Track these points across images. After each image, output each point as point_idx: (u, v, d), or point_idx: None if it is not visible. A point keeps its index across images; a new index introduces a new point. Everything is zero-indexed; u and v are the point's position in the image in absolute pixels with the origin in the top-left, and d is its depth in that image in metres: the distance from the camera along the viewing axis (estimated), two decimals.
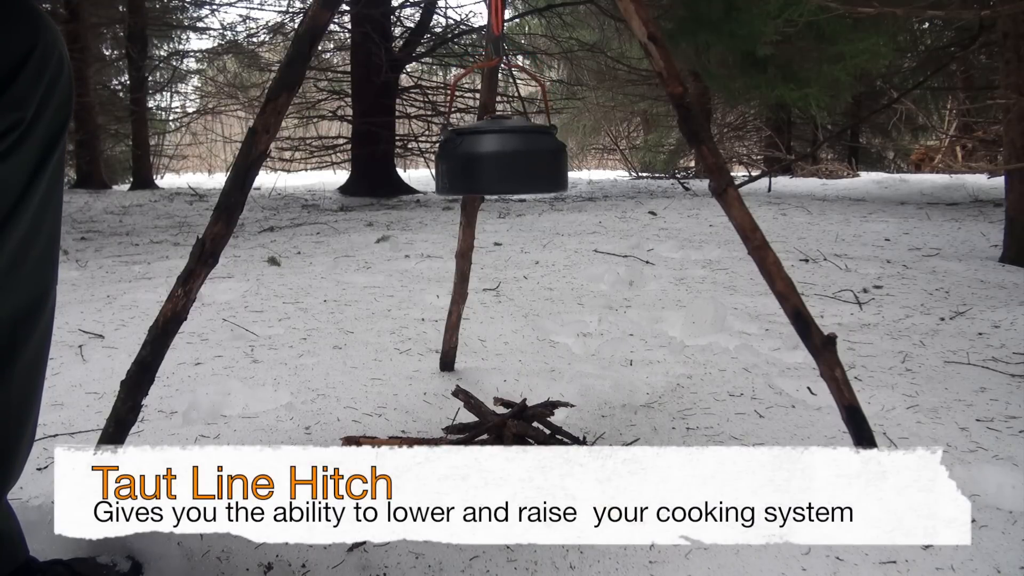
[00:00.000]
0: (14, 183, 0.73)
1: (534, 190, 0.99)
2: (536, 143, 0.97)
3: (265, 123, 1.11)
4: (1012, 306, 2.28)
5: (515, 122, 0.99)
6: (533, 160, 0.96)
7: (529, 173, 0.97)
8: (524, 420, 1.24)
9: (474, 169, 0.95)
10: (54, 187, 0.79)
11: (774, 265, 1.07)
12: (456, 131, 0.96)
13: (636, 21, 1.06)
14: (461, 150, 0.94)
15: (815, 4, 3.71)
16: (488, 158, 0.94)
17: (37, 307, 0.80)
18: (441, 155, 0.97)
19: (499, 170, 0.95)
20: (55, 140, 0.77)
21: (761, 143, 12.85)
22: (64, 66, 0.75)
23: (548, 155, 0.98)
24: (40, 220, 0.77)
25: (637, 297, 2.59)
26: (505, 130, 0.95)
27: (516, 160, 0.95)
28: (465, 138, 0.94)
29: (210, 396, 1.58)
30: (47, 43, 0.72)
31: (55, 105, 0.75)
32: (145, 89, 11.18)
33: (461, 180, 0.95)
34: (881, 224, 4.51)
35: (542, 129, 0.99)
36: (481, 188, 0.99)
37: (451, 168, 0.94)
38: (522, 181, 0.97)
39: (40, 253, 0.79)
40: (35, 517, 1.02)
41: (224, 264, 3.24)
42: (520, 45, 10.61)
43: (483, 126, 0.97)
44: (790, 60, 6.30)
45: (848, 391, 1.06)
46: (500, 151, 0.95)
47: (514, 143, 0.95)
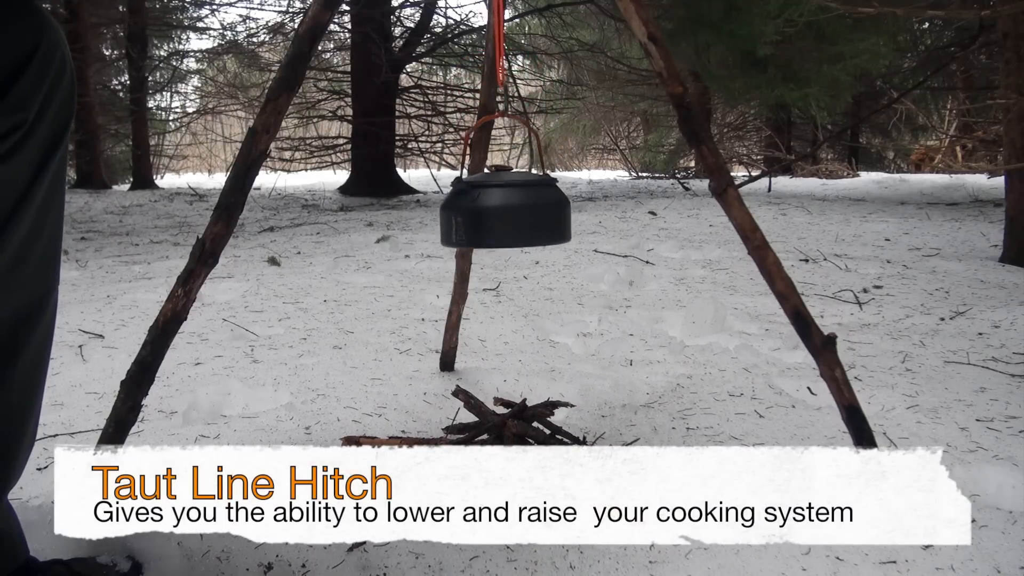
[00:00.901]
0: (17, 183, 0.73)
1: (545, 242, 1.01)
2: (548, 196, 0.99)
3: (265, 123, 1.11)
4: (1012, 306, 2.28)
5: (525, 175, 1.00)
6: (547, 213, 0.99)
7: (544, 226, 0.99)
8: (524, 420, 1.24)
9: (494, 223, 0.96)
10: (56, 187, 0.79)
11: (774, 265, 1.07)
12: (470, 184, 0.95)
13: (636, 21, 1.06)
14: (480, 204, 0.95)
15: (815, 4, 3.71)
16: (507, 212, 0.96)
17: (39, 307, 0.80)
18: (455, 207, 0.96)
19: (516, 223, 0.97)
20: (57, 140, 0.77)
21: (761, 143, 12.84)
22: (67, 67, 0.75)
23: (558, 207, 1.00)
24: (42, 220, 0.77)
25: (637, 297, 2.59)
26: (520, 184, 0.96)
27: (534, 214, 0.97)
28: (483, 191, 0.95)
29: (210, 396, 1.58)
30: (50, 43, 0.72)
31: (57, 105, 0.75)
32: (145, 89, 11.16)
33: (478, 233, 0.95)
34: (881, 224, 4.51)
35: (550, 181, 1.00)
36: (499, 242, 1.00)
37: (470, 221, 0.94)
38: (537, 234, 0.99)
39: (42, 254, 0.79)
40: (35, 517, 1.01)
41: (224, 264, 3.24)
42: (520, 45, 10.61)
43: (496, 179, 0.97)
44: (790, 60, 6.30)
45: (848, 391, 1.06)
46: (519, 205, 0.96)
47: (531, 197, 0.97)
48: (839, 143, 11.82)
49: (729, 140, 13.02)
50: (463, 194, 0.95)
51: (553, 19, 9.66)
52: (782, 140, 11.08)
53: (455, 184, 0.98)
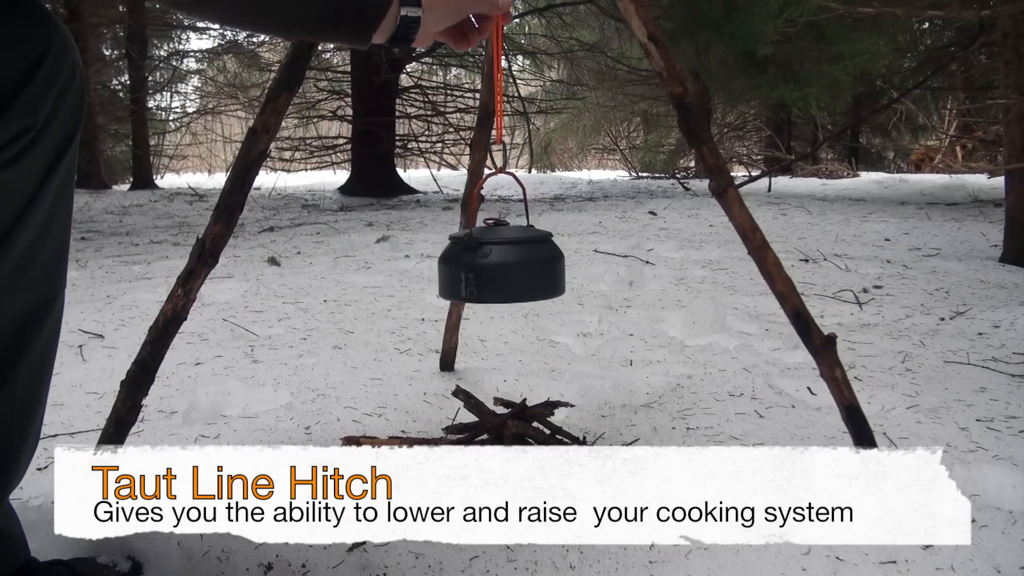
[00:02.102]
0: (24, 187, 0.73)
1: (547, 296, 1.02)
2: (550, 251, 1.01)
3: (265, 123, 1.11)
4: (1012, 306, 2.28)
5: (526, 230, 1.02)
6: (550, 268, 1.01)
7: (548, 280, 1.01)
8: (524, 420, 1.24)
9: (506, 279, 0.98)
10: (64, 192, 0.79)
11: (774, 265, 1.07)
12: (480, 239, 0.96)
13: (636, 21, 1.06)
14: (492, 260, 0.96)
15: (815, 4, 3.71)
16: (516, 268, 0.98)
17: (44, 311, 0.80)
18: (464, 263, 0.96)
19: (524, 279, 0.99)
20: (66, 146, 0.77)
21: (761, 143, 12.84)
22: (76, 72, 0.75)
23: (558, 262, 1.02)
24: (49, 224, 0.78)
25: (637, 297, 2.59)
26: (527, 240, 0.99)
27: (538, 269, 0.99)
28: (493, 248, 0.96)
29: (210, 396, 1.58)
30: (59, 48, 0.72)
31: (67, 111, 0.75)
32: (145, 89, 11.16)
33: (490, 289, 0.97)
34: (881, 224, 4.51)
35: (548, 236, 1.03)
36: (508, 297, 1.02)
37: (483, 278, 0.96)
38: (542, 289, 1.01)
39: (49, 257, 0.79)
40: (35, 517, 1.02)
41: (224, 264, 3.24)
42: (520, 45, 10.61)
43: (503, 235, 0.99)
44: (790, 60, 6.30)
45: (848, 391, 1.06)
46: (527, 261, 0.98)
47: (536, 253, 0.99)
48: (839, 143, 11.82)
49: (729, 140, 13.02)
50: (473, 249, 0.96)
51: (553, 19, 9.67)
52: (782, 140, 11.08)
53: (462, 240, 0.98)
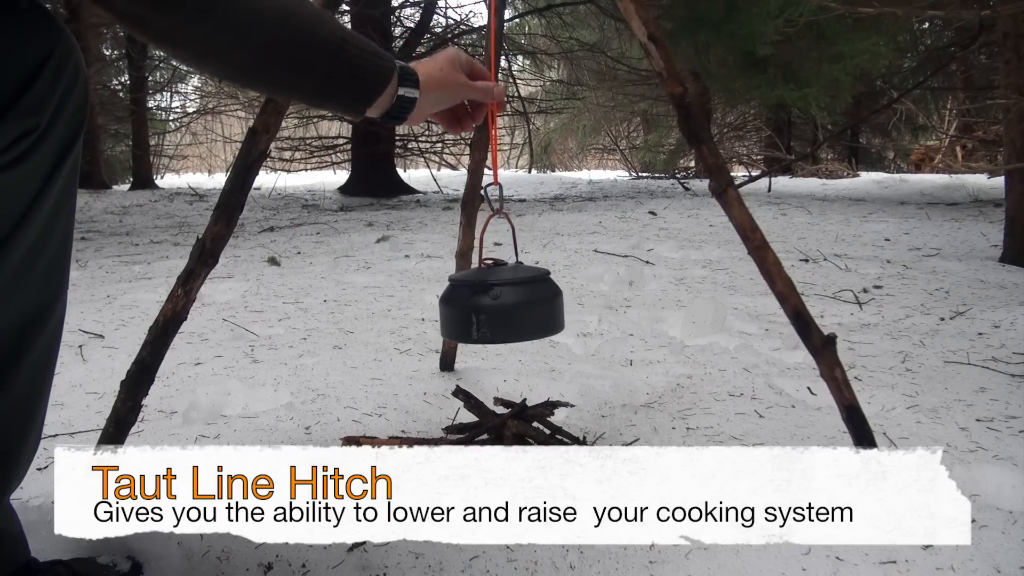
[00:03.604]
0: (27, 188, 0.73)
1: (550, 334, 1.04)
2: (552, 290, 1.03)
3: (265, 123, 1.11)
4: (1012, 306, 2.28)
5: (529, 269, 1.03)
6: (554, 306, 1.03)
7: (552, 318, 1.03)
8: (524, 420, 1.24)
9: (517, 319, 0.99)
10: (67, 193, 0.80)
11: (774, 265, 1.07)
12: (488, 281, 0.98)
13: (636, 21, 1.06)
14: (503, 302, 0.98)
15: (815, 4, 3.71)
16: (525, 308, 0.99)
17: (46, 312, 0.80)
18: (473, 305, 0.98)
19: (532, 319, 1.00)
20: (69, 147, 0.77)
21: (761, 143, 12.84)
22: (80, 74, 0.75)
23: (559, 300, 1.04)
24: (52, 225, 0.78)
25: (637, 297, 2.59)
26: (531, 280, 1.00)
27: (543, 308, 1.01)
28: (503, 289, 0.98)
29: (210, 396, 1.58)
30: (63, 50, 0.73)
31: (70, 112, 0.75)
32: (145, 89, 11.16)
33: (502, 330, 0.99)
34: (881, 224, 4.51)
35: (547, 274, 1.04)
36: (518, 337, 1.03)
37: (495, 319, 0.97)
38: (548, 327, 1.03)
39: (51, 258, 0.79)
40: (35, 517, 1.02)
41: (224, 264, 3.24)
42: (520, 45, 10.61)
43: (509, 275, 1.00)
44: (790, 60, 6.30)
45: (848, 391, 1.06)
46: (534, 300, 1.00)
47: (540, 292, 1.01)
48: (839, 143, 11.81)
49: (729, 140, 13.02)
50: (482, 292, 0.97)
51: (553, 19, 9.67)
52: (782, 140, 11.08)
53: (469, 283, 0.99)
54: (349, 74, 0.80)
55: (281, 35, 0.75)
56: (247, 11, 0.73)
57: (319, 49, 0.77)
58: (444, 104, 0.91)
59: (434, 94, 0.88)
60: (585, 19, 10.34)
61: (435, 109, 0.91)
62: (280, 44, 0.75)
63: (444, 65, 0.89)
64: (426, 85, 0.86)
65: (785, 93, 6.31)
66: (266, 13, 0.74)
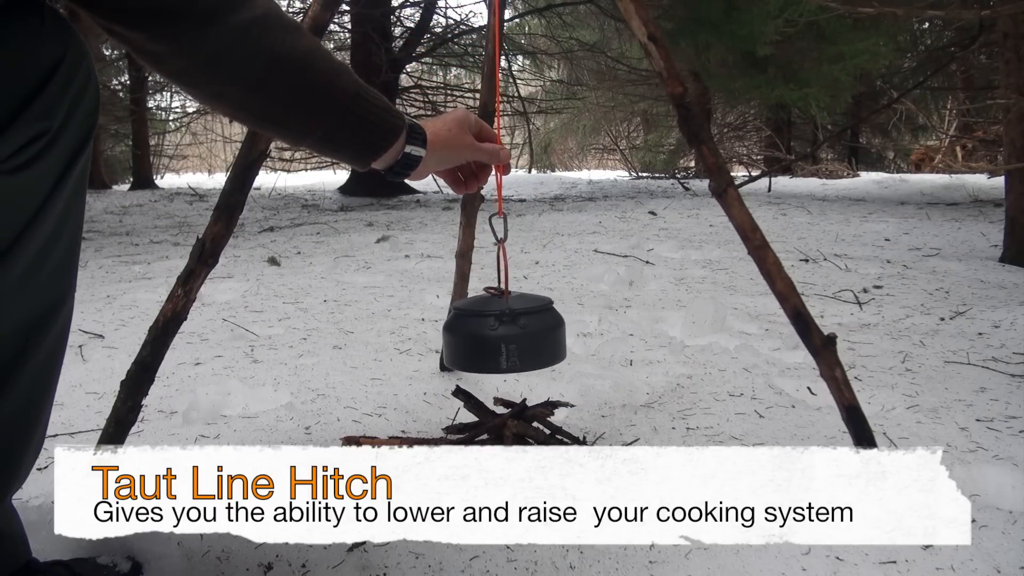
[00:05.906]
0: (37, 192, 0.73)
1: (556, 362, 1.05)
2: (559, 317, 1.04)
3: None
4: (1012, 306, 2.28)
5: (535, 298, 1.04)
6: (561, 333, 1.05)
7: (560, 345, 1.04)
8: (524, 420, 1.24)
9: (542, 346, 1.01)
10: (77, 197, 0.80)
11: (774, 265, 1.07)
12: (514, 311, 0.98)
13: (636, 21, 1.06)
14: (529, 330, 0.99)
15: (815, 4, 3.71)
16: (545, 335, 1.01)
17: (52, 314, 0.80)
18: (502, 335, 0.99)
19: (550, 346, 1.02)
20: (79, 151, 0.77)
21: (761, 143, 12.84)
22: (91, 79, 0.76)
23: (563, 327, 1.05)
24: (60, 230, 0.78)
25: (637, 297, 2.59)
26: (543, 309, 1.02)
27: (554, 335, 1.03)
28: (530, 318, 0.99)
29: (210, 396, 1.58)
30: (75, 54, 0.73)
31: (81, 117, 0.75)
32: (145, 89, 11.16)
33: (531, 357, 1.00)
34: (881, 224, 4.51)
35: (551, 303, 1.05)
36: (540, 364, 1.04)
37: (525, 347, 0.98)
38: (556, 354, 1.04)
39: (58, 262, 0.79)
40: (35, 517, 1.02)
41: (224, 264, 3.24)
42: (520, 45, 10.61)
43: (526, 304, 1.01)
44: (790, 60, 6.30)
45: (848, 391, 1.06)
46: (548, 328, 1.01)
47: (551, 320, 1.02)
48: (839, 143, 11.81)
49: (729, 140, 13.02)
50: (511, 321, 0.98)
51: (553, 19, 9.68)
52: (782, 140, 11.08)
53: (495, 313, 0.99)
54: (359, 127, 0.81)
55: (298, 84, 0.76)
56: (267, 57, 0.73)
57: (334, 100, 0.78)
58: (449, 163, 0.92)
59: (440, 154, 0.88)
60: (585, 19, 10.34)
61: (440, 167, 0.91)
62: (295, 93, 0.76)
63: (452, 126, 0.90)
64: (433, 144, 0.87)
65: (785, 93, 6.31)
66: (285, 62, 0.74)
